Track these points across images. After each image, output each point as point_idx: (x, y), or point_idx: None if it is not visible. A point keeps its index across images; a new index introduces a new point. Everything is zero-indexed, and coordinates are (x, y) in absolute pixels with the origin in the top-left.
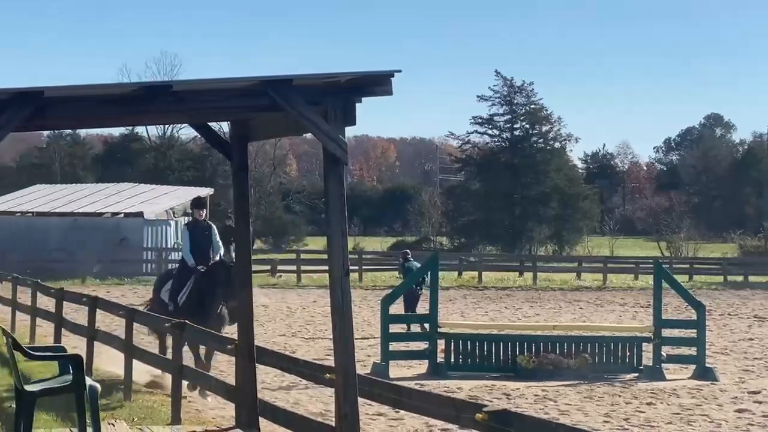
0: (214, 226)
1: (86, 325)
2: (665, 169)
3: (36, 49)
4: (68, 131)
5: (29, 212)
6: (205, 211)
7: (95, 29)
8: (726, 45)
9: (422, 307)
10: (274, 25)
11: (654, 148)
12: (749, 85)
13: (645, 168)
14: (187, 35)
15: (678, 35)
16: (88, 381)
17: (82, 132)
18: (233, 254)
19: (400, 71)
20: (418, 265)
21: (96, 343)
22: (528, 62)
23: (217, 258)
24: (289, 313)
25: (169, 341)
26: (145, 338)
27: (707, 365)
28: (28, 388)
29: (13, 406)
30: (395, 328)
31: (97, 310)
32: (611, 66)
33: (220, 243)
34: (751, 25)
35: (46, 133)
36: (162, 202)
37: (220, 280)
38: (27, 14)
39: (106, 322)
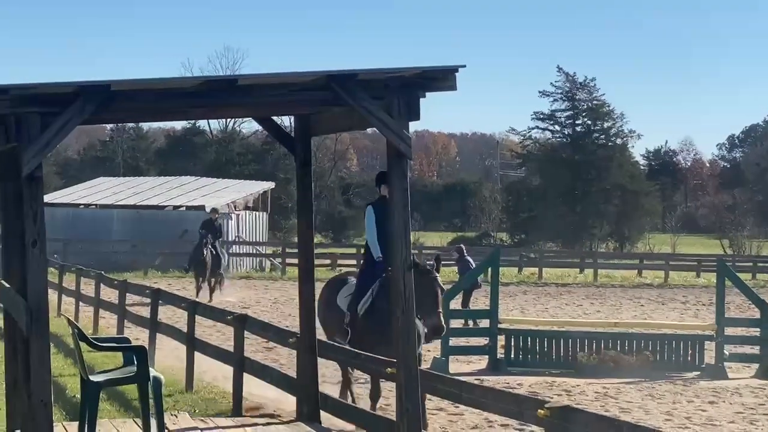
0: None
1: (149, 317)
2: (728, 166)
3: (99, 45)
4: (131, 124)
5: (93, 204)
6: None
7: (158, 24)
8: None
9: (482, 303)
10: (336, 18)
11: (717, 145)
12: None
13: (708, 165)
14: (248, 30)
15: (742, 30)
16: (152, 372)
17: (145, 125)
18: (215, 247)
19: (464, 66)
20: (470, 259)
21: (158, 335)
22: (590, 57)
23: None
24: None
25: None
26: (206, 330)
27: None
28: (93, 378)
29: (78, 396)
30: (455, 324)
31: (160, 302)
32: (674, 62)
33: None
34: None
35: (109, 126)
36: (223, 196)
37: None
38: (90, 10)
39: (168, 314)
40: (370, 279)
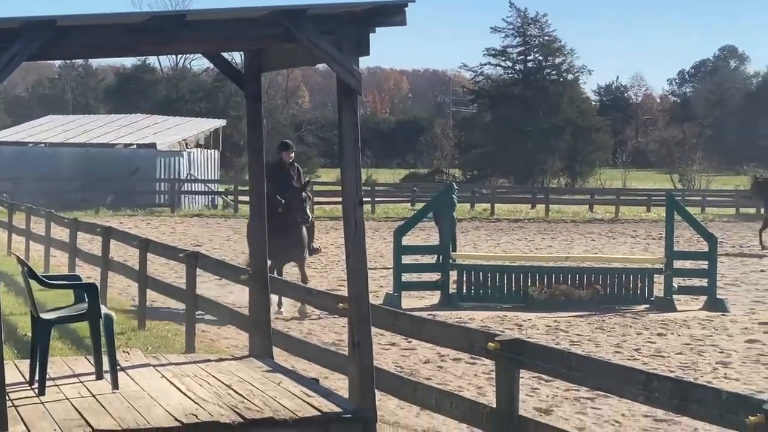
0: None
1: (100, 255)
2: (679, 101)
3: None
4: (80, 62)
5: (42, 143)
6: None
7: None
8: None
9: (434, 239)
10: None
11: (668, 80)
12: (765, 17)
13: (658, 100)
14: None
15: None
16: (104, 309)
17: (94, 63)
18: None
19: (414, 1)
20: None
21: (109, 273)
22: None
23: None
24: None
25: None
26: (159, 268)
27: (718, 296)
28: (44, 316)
29: (29, 334)
30: (407, 259)
31: (111, 240)
32: None
33: None
34: None
35: (57, 63)
36: (174, 134)
37: None
38: None
39: (120, 252)
40: None
